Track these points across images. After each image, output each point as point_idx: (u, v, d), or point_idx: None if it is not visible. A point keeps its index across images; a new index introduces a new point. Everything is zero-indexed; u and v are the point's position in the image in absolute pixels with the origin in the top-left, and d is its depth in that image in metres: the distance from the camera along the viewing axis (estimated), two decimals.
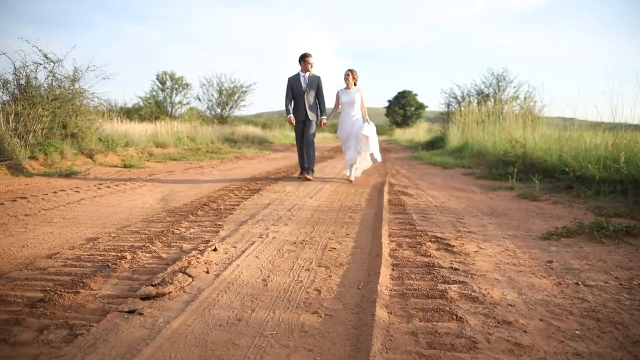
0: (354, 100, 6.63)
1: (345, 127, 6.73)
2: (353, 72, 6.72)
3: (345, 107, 6.72)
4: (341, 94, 6.72)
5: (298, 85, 6.68)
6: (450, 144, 15.68)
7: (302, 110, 6.72)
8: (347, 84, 6.71)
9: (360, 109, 6.75)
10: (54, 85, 8.82)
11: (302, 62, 6.67)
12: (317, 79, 6.77)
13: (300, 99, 6.70)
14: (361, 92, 6.70)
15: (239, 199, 4.86)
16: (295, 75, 6.76)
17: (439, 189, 5.94)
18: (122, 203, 4.72)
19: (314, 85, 6.73)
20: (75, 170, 7.35)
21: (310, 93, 6.72)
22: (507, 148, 9.32)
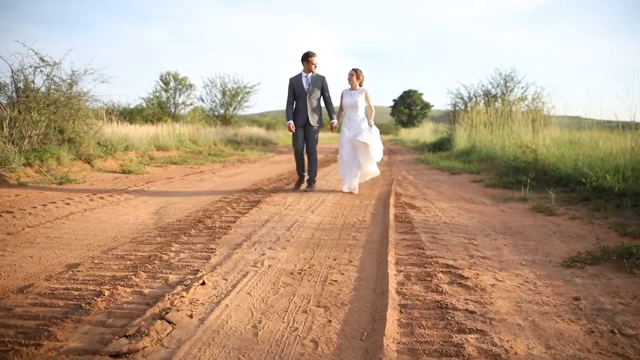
0: (356, 102, 6.07)
1: (345, 132, 6.19)
2: (357, 71, 6.18)
3: (348, 110, 6.15)
4: (344, 95, 6.23)
5: (300, 86, 6.17)
6: (457, 146, 15.37)
7: (303, 114, 6.19)
8: (351, 84, 6.19)
9: (368, 111, 6.26)
10: (51, 89, 8.59)
11: (305, 61, 6.16)
12: (321, 79, 6.24)
13: (302, 102, 6.17)
14: (366, 92, 6.14)
15: (236, 213, 4.59)
16: (297, 76, 6.25)
17: (448, 200, 5.65)
18: (113, 218, 4.47)
19: (318, 86, 6.19)
20: (70, 178, 7.12)
21: (314, 95, 6.19)
22: (516, 153, 9.00)
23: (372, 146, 5.95)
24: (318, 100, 6.25)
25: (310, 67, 6.13)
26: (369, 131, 6.01)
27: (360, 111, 6.14)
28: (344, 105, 6.17)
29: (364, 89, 6.18)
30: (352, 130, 6.09)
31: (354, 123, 6.12)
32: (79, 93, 9.29)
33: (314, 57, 6.12)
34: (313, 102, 6.19)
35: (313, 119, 6.21)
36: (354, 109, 6.12)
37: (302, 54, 6.19)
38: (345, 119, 6.23)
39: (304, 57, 6.16)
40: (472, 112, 15.74)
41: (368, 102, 6.17)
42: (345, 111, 6.20)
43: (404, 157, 16.15)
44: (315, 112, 6.22)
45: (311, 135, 6.27)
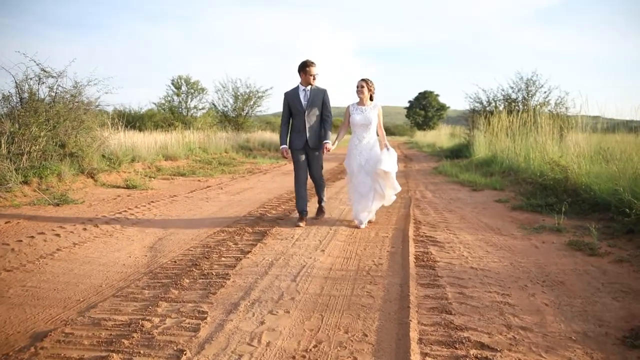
0: (369, 121, 5.18)
1: (355, 156, 5.27)
2: (368, 82, 5.24)
3: (358, 129, 5.26)
4: (352, 111, 5.27)
5: (296, 101, 5.24)
6: (476, 154, 14.75)
7: (301, 135, 5.27)
8: (360, 98, 5.26)
9: (378, 132, 5.37)
10: (55, 101, 8.26)
11: (302, 72, 5.21)
12: (321, 93, 5.29)
13: (300, 120, 5.26)
14: (379, 109, 5.28)
15: (237, 251, 4.14)
16: (294, 90, 5.33)
17: (473, 230, 5.12)
18: (103, 256, 4.05)
19: (318, 102, 5.26)
20: (68, 199, 6.75)
21: (313, 112, 5.24)
22: (543, 168, 8.41)
23: (393, 173, 5.18)
24: (318, 118, 5.33)
25: (309, 78, 5.20)
26: (388, 155, 5.16)
27: (373, 131, 5.30)
28: (353, 124, 5.25)
29: (377, 104, 5.30)
30: (364, 154, 5.22)
31: (365, 146, 5.24)
32: (82, 104, 8.97)
33: (312, 67, 5.17)
34: (312, 120, 5.26)
35: (314, 141, 5.29)
36: (365, 128, 5.24)
37: (299, 64, 5.24)
38: (354, 140, 5.33)
39: (301, 67, 5.22)
40: (492, 118, 15.07)
41: (379, 119, 5.32)
42: (354, 130, 5.31)
43: (420, 165, 15.58)
44: (316, 131, 5.31)
45: (315, 160, 5.35)
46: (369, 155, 5.21)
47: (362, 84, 5.23)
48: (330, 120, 5.33)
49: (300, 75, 5.26)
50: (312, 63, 5.18)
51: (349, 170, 5.39)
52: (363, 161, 5.23)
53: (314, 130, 5.28)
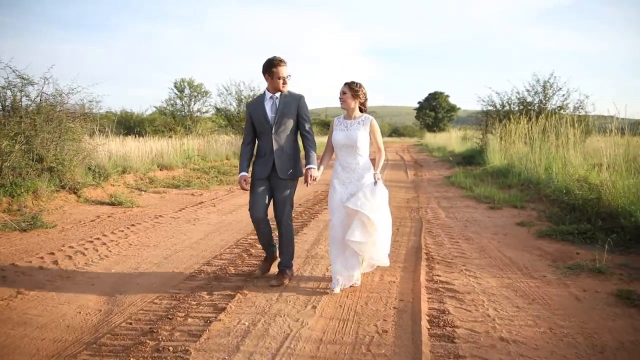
0: (355, 140, 3.70)
1: (337, 188, 3.78)
2: (353, 87, 3.76)
3: (341, 152, 3.80)
4: (334, 128, 3.84)
5: (260, 114, 3.83)
6: (491, 161, 13.89)
7: (266, 160, 3.85)
8: (344, 107, 3.80)
9: (376, 153, 3.83)
10: (26, 112, 7.57)
11: (267, 74, 3.80)
12: (295, 101, 3.86)
13: (266, 140, 3.85)
14: (371, 124, 3.77)
15: (209, 308, 3.37)
16: (257, 100, 3.94)
17: (496, 270, 4.31)
18: (46, 312, 3.31)
19: (290, 114, 3.82)
20: (38, 221, 6.04)
21: (284, 128, 3.82)
22: (569, 184, 7.56)
23: (377, 223, 3.57)
24: (292, 136, 3.90)
25: (277, 83, 3.78)
26: (372, 194, 3.60)
27: (362, 154, 3.77)
28: (335, 143, 3.81)
29: (369, 117, 3.80)
30: (348, 185, 3.75)
31: (351, 174, 3.76)
32: (64, 113, 8.28)
33: (281, 67, 3.76)
34: (282, 139, 3.82)
35: (285, 167, 3.83)
36: (350, 150, 3.75)
37: (264, 62, 3.81)
38: (336, 167, 3.85)
39: (266, 68, 3.79)
40: (509, 124, 14.18)
41: (374, 138, 3.81)
42: (337, 153, 3.84)
43: (431, 172, 14.74)
44: (287, 155, 3.85)
45: (281, 194, 3.88)
46: (355, 187, 3.72)
47: (343, 90, 3.77)
48: (313, 138, 3.93)
49: (266, 79, 3.84)
50: (280, 61, 3.77)
51: (330, 209, 3.87)
52: (345, 196, 3.72)
53: (285, 154, 3.84)
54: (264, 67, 3.81)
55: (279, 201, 3.91)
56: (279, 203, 3.91)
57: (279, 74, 3.77)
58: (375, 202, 3.57)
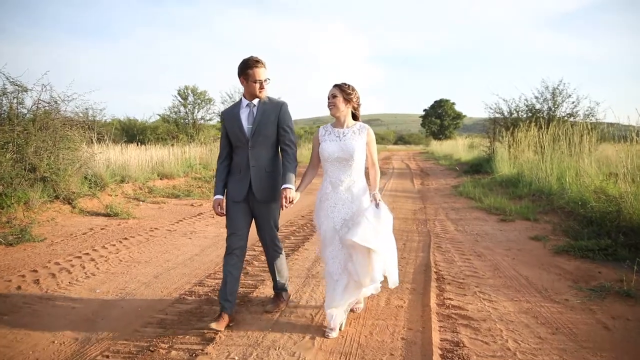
0: (350, 153, 3.10)
1: (327, 213, 3.17)
2: (344, 89, 3.17)
3: (332, 167, 3.17)
4: (322, 139, 3.22)
5: (235, 125, 3.27)
6: (499, 170, 13.52)
7: (242, 178, 3.28)
8: (333, 114, 3.21)
9: (368, 170, 3.22)
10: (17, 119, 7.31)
11: (243, 77, 3.23)
12: (276, 109, 3.28)
13: (241, 155, 3.29)
14: (367, 133, 3.18)
15: (197, 338, 3.03)
16: (232, 108, 3.37)
17: (513, 292, 3.95)
18: (16, 342, 2.99)
19: (270, 124, 3.25)
20: (27, 234, 5.75)
21: (262, 140, 3.25)
22: (584, 195, 7.19)
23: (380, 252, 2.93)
24: (272, 151, 3.32)
25: (253, 87, 3.21)
26: (377, 218, 2.94)
27: (358, 170, 3.16)
28: (324, 157, 3.16)
29: (365, 126, 3.21)
30: (341, 208, 3.13)
31: (344, 194, 3.14)
32: (60, 121, 8.02)
33: (258, 69, 3.17)
34: (261, 154, 3.25)
35: (264, 188, 3.26)
36: (344, 165, 3.13)
37: (239, 64, 3.24)
38: (325, 186, 3.22)
39: (241, 70, 3.22)
40: (517, 132, 13.83)
41: (370, 152, 3.20)
42: (327, 170, 3.19)
43: (438, 182, 14.37)
44: (266, 173, 3.28)
45: (265, 217, 3.34)
46: (349, 211, 3.12)
47: (333, 93, 3.16)
48: (294, 152, 3.29)
49: (242, 82, 3.26)
50: (256, 62, 3.18)
51: (320, 233, 3.25)
52: (339, 222, 3.10)
53: (263, 172, 3.25)
54: (238, 69, 3.23)
55: (260, 225, 3.40)
56: (260, 227, 3.41)
57: (255, 76, 3.18)
58: (380, 228, 2.94)
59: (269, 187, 3.29)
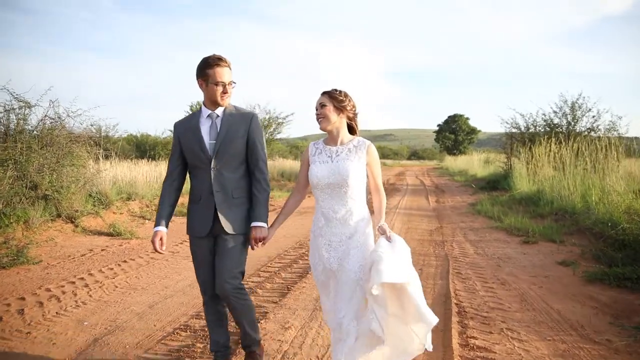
0: (344, 177, 2.45)
1: (322, 251, 2.51)
2: (336, 95, 2.53)
3: (324, 195, 2.51)
4: (312, 159, 2.57)
5: (194, 140, 2.65)
6: (517, 187, 13.00)
7: (205, 207, 2.64)
8: (323, 127, 2.54)
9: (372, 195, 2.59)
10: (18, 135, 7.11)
11: (202, 78, 2.61)
12: (245, 121, 2.67)
13: (203, 177, 2.66)
14: (370, 152, 2.53)
15: None
16: (190, 119, 2.74)
17: (545, 329, 3.52)
18: None
19: (238, 139, 2.64)
20: (23, 256, 5.48)
21: (228, 160, 2.64)
22: (614, 215, 6.70)
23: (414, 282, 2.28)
24: (241, 172, 2.69)
25: (214, 91, 2.57)
26: (391, 248, 2.32)
27: (355, 196, 2.49)
28: (315, 182, 2.50)
29: (364, 142, 2.55)
30: (337, 247, 2.47)
31: (339, 228, 2.48)
32: (64, 138, 7.83)
33: (220, 68, 2.55)
34: (227, 178, 2.63)
35: (230, 218, 2.61)
36: (338, 192, 2.48)
37: (199, 63, 2.61)
38: (318, 218, 2.55)
39: (200, 69, 2.60)
40: (536, 147, 13.37)
41: (372, 173, 2.55)
42: (318, 197, 2.53)
43: (454, 199, 13.90)
44: (234, 200, 2.64)
45: (227, 254, 2.61)
46: (346, 249, 2.45)
47: (322, 102, 2.52)
48: (265, 178, 2.68)
49: (200, 85, 2.62)
50: (218, 59, 2.55)
51: (314, 276, 2.63)
52: (334, 262, 2.46)
53: (230, 199, 2.62)
54: (197, 69, 2.60)
55: (220, 264, 2.59)
56: (220, 266, 2.59)
57: (215, 77, 2.54)
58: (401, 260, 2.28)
59: (239, 217, 2.63)
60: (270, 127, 20.97)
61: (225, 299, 2.63)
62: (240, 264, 2.64)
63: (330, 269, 2.48)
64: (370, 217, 2.55)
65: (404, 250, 2.35)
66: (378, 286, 2.18)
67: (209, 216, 2.61)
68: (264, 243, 2.65)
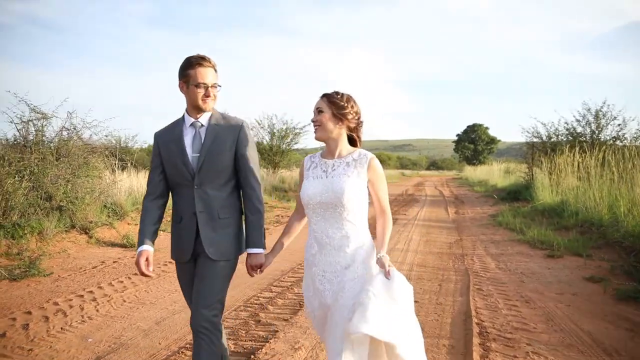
0: (339, 195, 2.06)
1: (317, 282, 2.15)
2: (335, 99, 2.13)
3: (316, 217, 2.14)
4: (306, 173, 2.22)
5: (177, 153, 2.28)
6: (540, 198, 12.61)
7: (185, 226, 2.28)
8: (319, 137, 2.16)
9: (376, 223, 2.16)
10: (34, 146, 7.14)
11: (183, 79, 2.25)
12: (233, 131, 2.28)
13: (185, 195, 2.29)
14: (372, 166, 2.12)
15: None
16: (172, 128, 2.35)
17: (575, 354, 3.26)
18: None
19: (224, 151, 2.26)
20: (34, 268, 5.42)
21: (214, 176, 2.26)
22: None
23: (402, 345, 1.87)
24: (228, 189, 2.31)
25: (195, 95, 2.22)
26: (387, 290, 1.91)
27: (353, 219, 2.11)
28: (306, 201, 2.15)
29: (366, 155, 2.15)
30: (333, 279, 2.11)
31: (335, 257, 2.11)
32: (79, 148, 7.85)
33: (202, 69, 2.21)
34: (212, 195, 2.26)
35: (214, 242, 2.25)
36: (332, 213, 2.11)
37: (181, 63, 2.26)
38: (310, 245, 2.20)
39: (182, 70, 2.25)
40: (558, 157, 13.00)
41: (375, 191, 2.16)
42: (311, 219, 2.18)
43: (474, 210, 13.57)
44: (220, 221, 2.28)
45: (204, 281, 2.24)
46: (341, 281, 2.08)
47: (319, 107, 2.15)
48: (259, 196, 2.30)
49: (182, 89, 2.27)
50: (201, 59, 2.22)
51: (308, 311, 2.28)
52: (329, 296, 2.11)
53: (215, 220, 2.26)
54: (178, 70, 2.26)
55: (196, 290, 2.23)
56: (195, 293, 2.22)
57: (197, 78, 2.19)
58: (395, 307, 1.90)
59: (225, 240, 2.26)
60: (288, 137, 20.93)
61: (194, 329, 2.19)
62: (219, 292, 2.22)
63: (323, 301, 2.11)
64: (373, 245, 2.14)
65: (403, 294, 1.92)
66: (360, 334, 1.86)
67: (190, 240, 2.26)
68: (262, 270, 2.31)
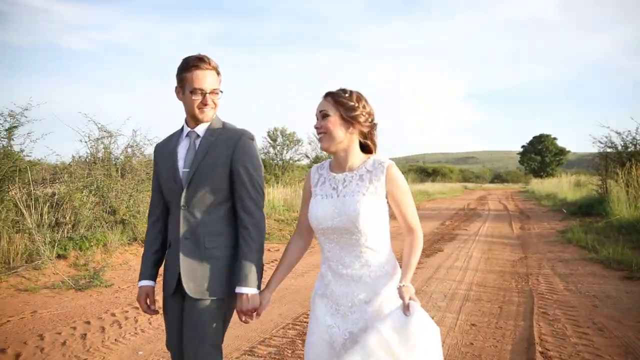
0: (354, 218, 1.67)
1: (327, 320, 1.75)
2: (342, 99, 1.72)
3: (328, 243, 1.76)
4: (314, 190, 1.82)
5: (169, 167, 1.94)
6: (616, 213, 11.65)
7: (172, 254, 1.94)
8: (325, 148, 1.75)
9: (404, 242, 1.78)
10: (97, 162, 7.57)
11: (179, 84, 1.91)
12: (230, 143, 1.89)
13: (175, 216, 1.93)
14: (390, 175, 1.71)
15: None
16: (170, 140, 2.03)
17: None
18: None
19: (218, 167, 1.88)
20: (97, 279, 5.70)
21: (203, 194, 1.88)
22: None
23: None
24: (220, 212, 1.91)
25: (191, 102, 1.87)
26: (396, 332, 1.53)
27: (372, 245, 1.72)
28: (315, 224, 1.77)
29: (383, 163, 1.73)
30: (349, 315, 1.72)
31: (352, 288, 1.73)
32: (141, 164, 8.23)
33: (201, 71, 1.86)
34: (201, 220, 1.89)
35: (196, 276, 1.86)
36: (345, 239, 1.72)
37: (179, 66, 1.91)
38: (323, 274, 1.81)
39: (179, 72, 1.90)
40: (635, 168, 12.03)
41: (398, 206, 1.75)
42: (323, 245, 1.79)
43: (541, 226, 12.78)
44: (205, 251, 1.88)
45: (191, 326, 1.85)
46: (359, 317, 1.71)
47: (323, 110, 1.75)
48: (258, 223, 1.90)
49: (178, 95, 1.95)
50: (199, 60, 1.87)
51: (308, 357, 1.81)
52: (341, 335, 1.72)
53: (200, 249, 1.89)
54: (176, 73, 1.93)
55: (185, 335, 1.87)
56: (185, 339, 1.87)
57: (193, 82, 1.86)
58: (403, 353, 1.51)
59: (212, 274, 1.87)
60: None
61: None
62: (212, 337, 1.85)
63: (331, 343, 1.71)
64: (395, 272, 1.78)
65: (423, 337, 1.54)
66: None
67: (175, 269, 1.90)
68: (258, 314, 1.85)
